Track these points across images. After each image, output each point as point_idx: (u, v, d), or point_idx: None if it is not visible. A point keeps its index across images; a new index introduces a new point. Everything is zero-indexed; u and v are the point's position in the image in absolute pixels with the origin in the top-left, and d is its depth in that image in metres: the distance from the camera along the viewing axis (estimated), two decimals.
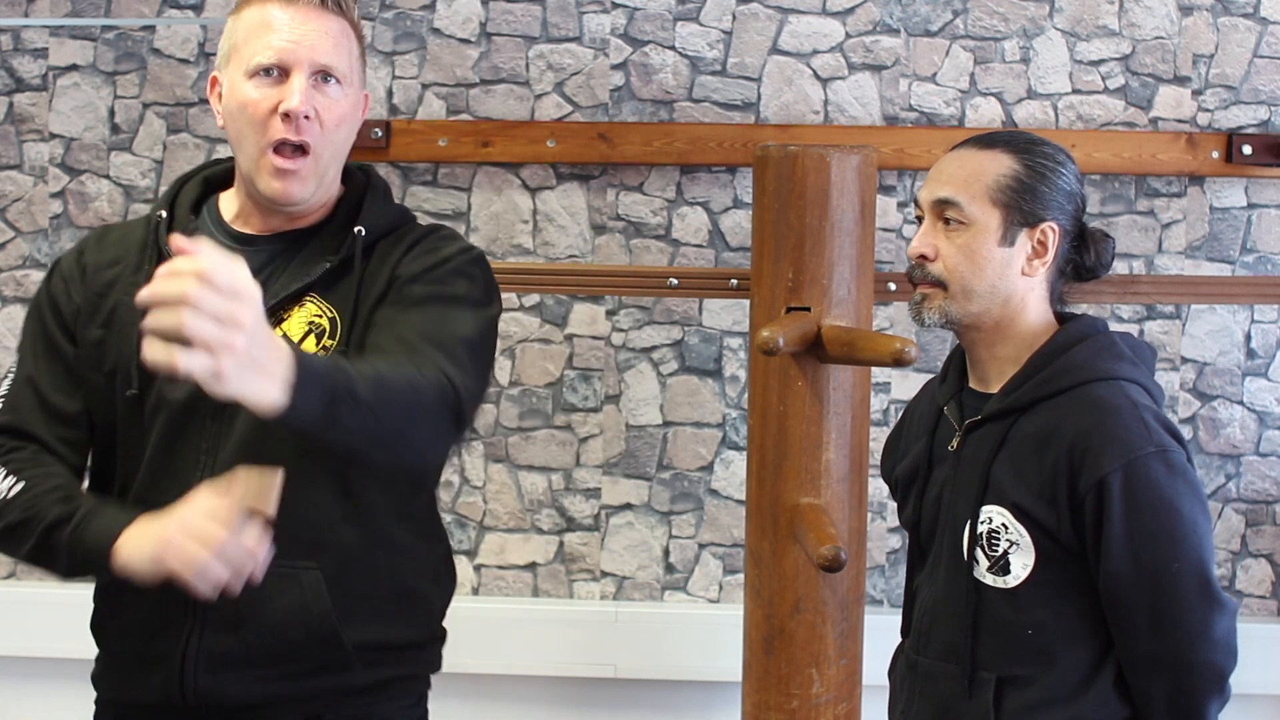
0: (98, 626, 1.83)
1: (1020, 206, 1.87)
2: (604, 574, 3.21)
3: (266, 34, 1.73)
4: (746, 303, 2.47)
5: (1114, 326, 2.10)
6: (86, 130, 3.17)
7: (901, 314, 3.09)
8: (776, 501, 2.23)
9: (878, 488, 3.11)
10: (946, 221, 1.90)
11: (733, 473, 3.16)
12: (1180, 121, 3.12)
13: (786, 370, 2.21)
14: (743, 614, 2.35)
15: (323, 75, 1.75)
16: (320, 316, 1.74)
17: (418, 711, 1.90)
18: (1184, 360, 3.16)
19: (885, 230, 3.11)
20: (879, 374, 3.12)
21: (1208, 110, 3.12)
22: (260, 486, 1.57)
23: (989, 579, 1.86)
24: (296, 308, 1.75)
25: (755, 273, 2.29)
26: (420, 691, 1.91)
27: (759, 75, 3.14)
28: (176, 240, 1.39)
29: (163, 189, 3.14)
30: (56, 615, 3.15)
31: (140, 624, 1.75)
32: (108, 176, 3.17)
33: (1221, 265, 3.14)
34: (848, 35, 3.13)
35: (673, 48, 3.13)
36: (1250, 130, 3.12)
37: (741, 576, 2.95)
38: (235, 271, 1.33)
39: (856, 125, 3.11)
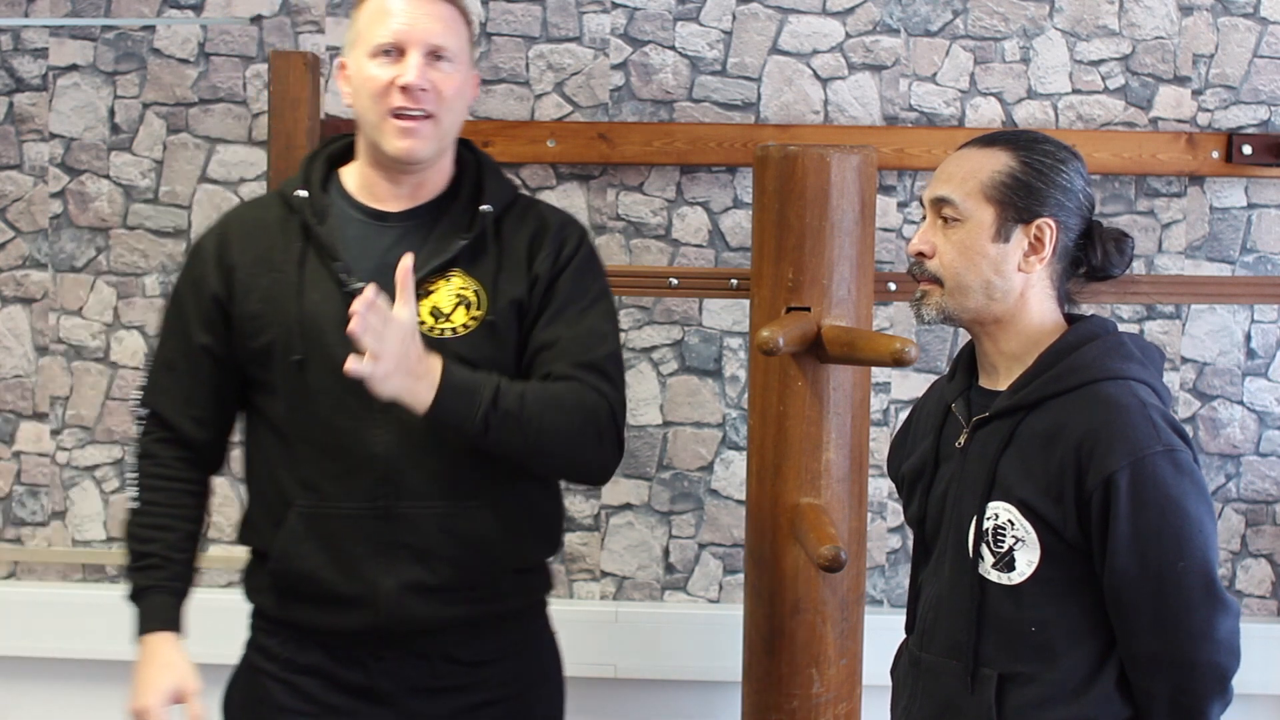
0: (280, 572, 2.02)
1: (1015, 203, 1.87)
2: (604, 574, 3.21)
3: (385, 19, 1.98)
4: (746, 303, 2.47)
5: None
6: (86, 130, 3.17)
7: (901, 314, 3.09)
8: (776, 501, 2.23)
9: (878, 488, 3.11)
10: (945, 219, 1.90)
11: (733, 473, 3.16)
12: (1180, 121, 3.12)
13: (786, 370, 2.21)
14: (743, 614, 2.35)
15: (435, 55, 1.99)
16: (466, 289, 2.00)
17: (550, 629, 2.16)
18: (1184, 360, 3.16)
19: (885, 230, 3.11)
20: (879, 374, 3.11)
21: (1208, 110, 3.12)
22: None
23: (993, 575, 1.86)
24: (442, 281, 2.00)
25: (755, 273, 2.29)
26: (548, 610, 2.16)
27: (759, 75, 3.14)
28: (365, 296, 1.82)
29: (163, 189, 3.16)
30: (56, 615, 3.16)
31: (330, 565, 1.99)
32: (108, 176, 3.17)
33: (1221, 265, 3.14)
34: (848, 35, 3.13)
35: (673, 48, 3.13)
36: (1250, 130, 3.12)
37: (741, 576, 2.95)
38: (393, 312, 1.82)
39: (856, 125, 3.11)
